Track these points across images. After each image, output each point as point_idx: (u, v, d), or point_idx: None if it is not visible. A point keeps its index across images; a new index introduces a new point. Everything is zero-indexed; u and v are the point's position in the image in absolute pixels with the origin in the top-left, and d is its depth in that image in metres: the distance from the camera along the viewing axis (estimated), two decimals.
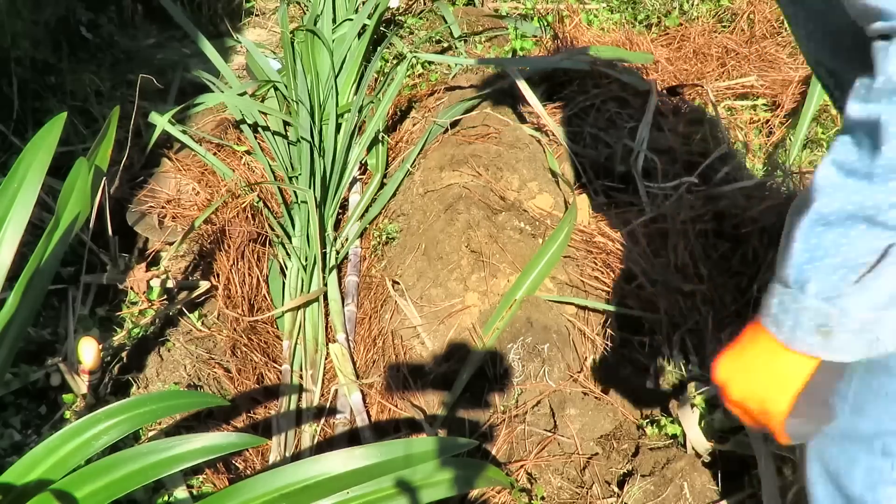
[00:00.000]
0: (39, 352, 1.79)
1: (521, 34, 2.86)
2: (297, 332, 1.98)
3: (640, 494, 1.64)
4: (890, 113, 0.72)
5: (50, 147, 1.38)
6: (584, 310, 1.91)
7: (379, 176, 2.30)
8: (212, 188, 2.20)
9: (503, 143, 2.22)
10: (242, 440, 1.29)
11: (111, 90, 2.54)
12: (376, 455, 1.30)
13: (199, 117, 2.44)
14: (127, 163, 2.13)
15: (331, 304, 2.04)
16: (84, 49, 2.68)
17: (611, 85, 2.45)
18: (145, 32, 2.94)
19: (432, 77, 2.70)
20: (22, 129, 2.28)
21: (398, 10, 3.10)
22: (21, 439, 1.64)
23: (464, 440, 1.43)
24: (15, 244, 1.33)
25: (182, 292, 1.96)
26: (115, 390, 1.75)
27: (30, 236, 1.42)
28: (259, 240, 2.11)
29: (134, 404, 1.26)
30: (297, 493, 1.24)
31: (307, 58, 2.37)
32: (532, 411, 1.76)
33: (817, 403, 0.89)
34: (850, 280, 0.78)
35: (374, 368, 1.89)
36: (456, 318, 1.87)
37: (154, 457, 1.20)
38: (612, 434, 1.75)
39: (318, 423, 1.80)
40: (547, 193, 2.12)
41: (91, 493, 1.16)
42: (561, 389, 1.79)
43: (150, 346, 1.85)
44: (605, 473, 1.69)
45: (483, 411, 1.77)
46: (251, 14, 3.16)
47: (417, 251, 2.01)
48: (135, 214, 2.11)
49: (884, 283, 0.78)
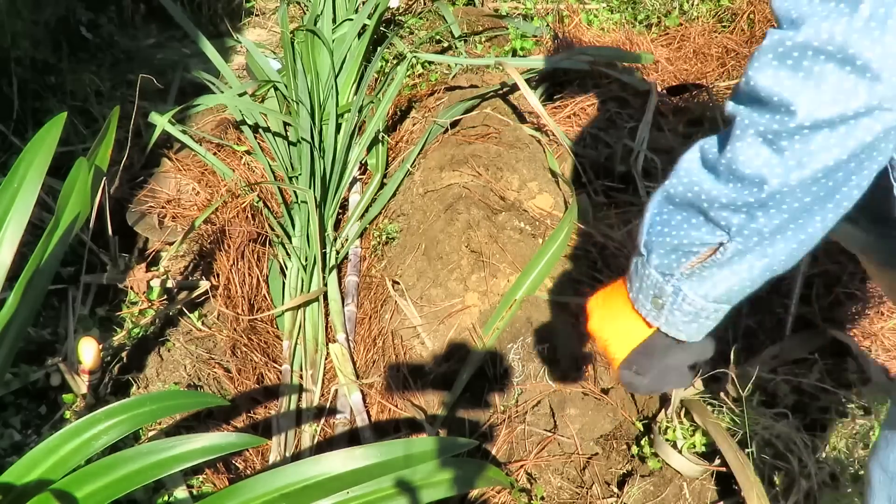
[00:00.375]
0: (39, 352, 1.79)
1: (521, 34, 2.86)
2: (297, 332, 1.98)
3: (639, 495, 1.64)
4: (742, 114, 0.73)
5: (50, 147, 1.38)
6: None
7: (379, 176, 2.30)
8: (212, 188, 2.20)
9: (503, 143, 2.22)
10: (242, 440, 1.29)
11: (111, 90, 2.54)
12: (376, 455, 1.30)
13: (199, 117, 2.44)
14: (127, 163, 2.13)
15: (331, 304, 2.04)
16: (84, 49, 2.68)
17: (611, 85, 2.45)
18: (145, 32, 2.94)
19: (432, 77, 2.71)
20: (22, 129, 2.28)
21: (398, 10, 3.10)
22: (21, 439, 1.64)
23: (464, 440, 1.43)
24: (15, 244, 1.33)
25: (182, 292, 1.96)
26: (115, 390, 1.75)
27: (30, 236, 1.43)
28: (259, 240, 2.11)
29: (134, 404, 1.26)
30: (296, 493, 1.24)
31: (307, 58, 2.37)
32: (532, 411, 1.76)
33: (660, 367, 0.92)
34: (683, 264, 0.81)
35: (374, 368, 1.89)
36: (456, 318, 1.87)
37: (154, 457, 1.21)
38: (612, 434, 1.75)
39: (318, 423, 1.80)
40: (547, 193, 2.12)
41: (91, 493, 1.16)
42: (561, 389, 1.79)
43: (150, 346, 1.85)
44: (604, 473, 1.69)
45: (483, 411, 1.77)
46: (251, 14, 3.16)
47: (417, 251, 2.01)
48: (135, 214, 2.11)
49: (718, 279, 0.80)
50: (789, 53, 0.69)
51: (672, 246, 0.82)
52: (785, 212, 0.75)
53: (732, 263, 0.79)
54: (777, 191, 0.73)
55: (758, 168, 0.73)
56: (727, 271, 0.80)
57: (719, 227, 0.77)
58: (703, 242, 0.79)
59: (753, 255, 0.78)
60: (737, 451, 1.53)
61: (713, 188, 0.76)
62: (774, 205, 0.74)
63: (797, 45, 0.69)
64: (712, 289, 0.82)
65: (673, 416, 1.67)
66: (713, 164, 0.77)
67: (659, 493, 1.64)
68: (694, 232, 0.80)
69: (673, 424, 1.66)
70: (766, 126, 0.71)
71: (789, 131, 0.70)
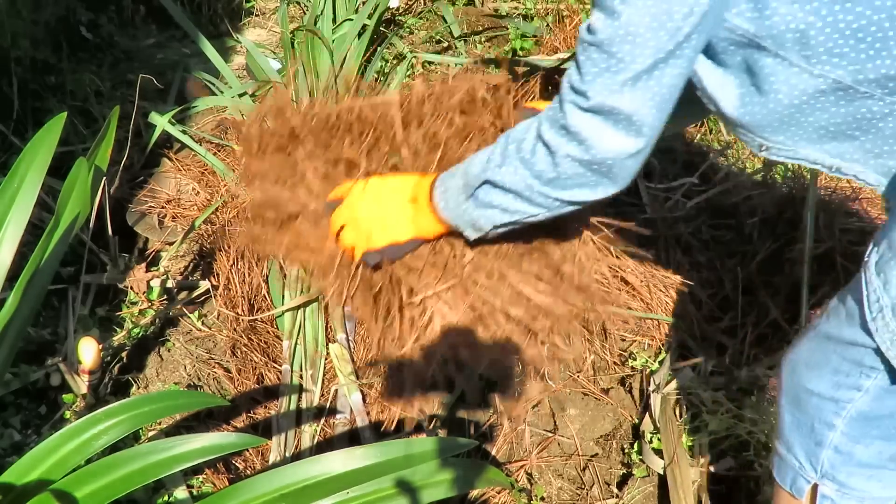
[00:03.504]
0: (39, 352, 1.79)
1: (521, 34, 2.86)
2: (297, 332, 1.98)
3: (639, 496, 1.64)
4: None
5: (50, 147, 1.38)
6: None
7: None
8: (212, 188, 2.20)
9: None
10: (242, 440, 1.29)
11: (111, 90, 2.53)
12: (376, 455, 1.30)
13: (200, 117, 2.44)
14: (127, 163, 2.13)
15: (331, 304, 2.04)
16: (84, 49, 2.68)
17: None
18: (145, 32, 2.93)
19: (432, 77, 2.70)
20: (22, 129, 2.28)
21: (398, 10, 3.10)
22: (21, 439, 1.64)
23: (464, 440, 1.43)
24: (15, 244, 1.32)
25: (182, 292, 1.96)
26: (115, 390, 1.75)
27: (30, 236, 1.42)
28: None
29: (134, 404, 1.26)
30: (296, 493, 1.24)
31: (307, 58, 2.36)
32: (532, 411, 1.76)
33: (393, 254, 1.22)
34: (505, 218, 1.07)
35: (374, 368, 1.89)
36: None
37: (154, 457, 1.20)
38: (612, 434, 1.76)
39: (318, 423, 1.80)
40: None
41: (91, 493, 1.15)
42: (561, 389, 1.79)
43: (150, 346, 1.85)
44: (605, 474, 1.70)
45: (483, 411, 1.77)
46: (251, 14, 3.16)
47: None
48: (135, 214, 2.11)
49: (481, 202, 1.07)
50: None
51: (497, 206, 1.05)
52: None
53: (545, 219, 1.06)
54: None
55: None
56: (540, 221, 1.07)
57: (541, 207, 1.02)
58: (525, 213, 1.04)
59: (559, 212, 1.05)
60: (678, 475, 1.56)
61: (535, 175, 0.99)
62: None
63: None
64: (523, 224, 1.09)
65: (657, 422, 1.67)
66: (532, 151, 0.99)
67: (659, 494, 1.64)
68: (517, 205, 1.03)
69: (656, 432, 1.67)
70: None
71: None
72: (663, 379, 1.74)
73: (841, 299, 1.00)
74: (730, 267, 1.93)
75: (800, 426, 1.06)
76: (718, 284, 1.93)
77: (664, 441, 1.63)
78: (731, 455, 1.62)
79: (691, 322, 1.87)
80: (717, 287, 1.93)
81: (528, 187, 1.00)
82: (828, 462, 1.04)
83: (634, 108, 0.87)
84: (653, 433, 1.67)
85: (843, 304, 0.98)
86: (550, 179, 0.97)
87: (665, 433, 1.64)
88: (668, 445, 1.61)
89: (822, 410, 1.02)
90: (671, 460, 1.59)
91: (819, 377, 1.02)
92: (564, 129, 0.93)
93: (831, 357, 1.00)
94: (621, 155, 0.91)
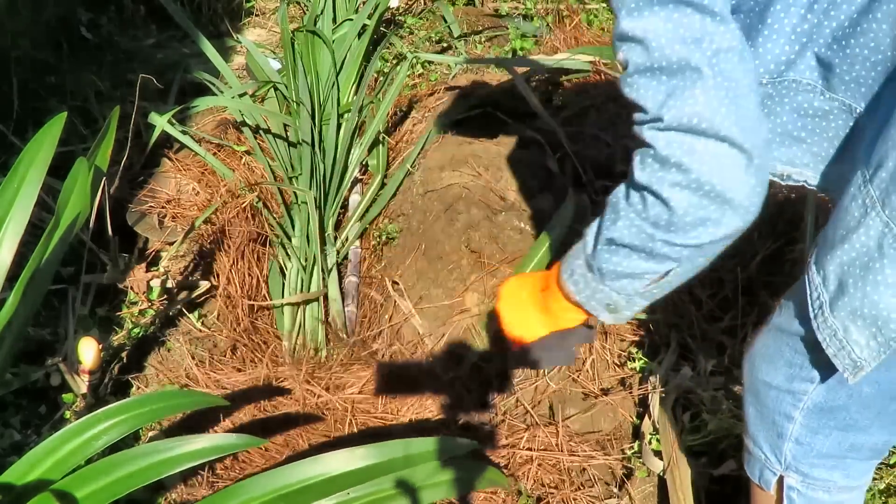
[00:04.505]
0: (39, 352, 1.79)
1: (521, 34, 2.86)
2: (297, 333, 1.98)
3: (639, 496, 1.64)
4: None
5: (50, 147, 1.38)
6: None
7: (380, 176, 2.30)
8: (212, 188, 2.20)
9: (503, 143, 2.22)
10: (242, 440, 1.29)
11: (111, 90, 2.54)
12: (376, 455, 1.30)
13: (200, 117, 2.44)
14: (127, 163, 2.13)
15: (331, 305, 2.04)
16: (84, 49, 2.68)
17: (611, 85, 2.45)
18: (145, 32, 2.93)
19: (432, 77, 2.71)
20: (22, 129, 2.28)
21: (398, 10, 3.10)
22: (21, 439, 1.64)
23: (463, 441, 1.43)
24: (15, 244, 1.33)
25: (182, 292, 1.95)
26: (115, 390, 1.75)
27: (30, 236, 1.42)
28: (259, 240, 2.11)
29: (134, 404, 1.26)
30: (296, 493, 1.24)
31: (307, 58, 2.36)
32: (532, 411, 1.76)
33: (556, 347, 1.12)
34: (635, 288, 0.94)
35: (374, 369, 1.89)
36: (456, 318, 1.87)
37: (154, 457, 1.20)
38: (612, 434, 1.76)
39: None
40: (547, 193, 2.12)
41: (91, 494, 1.16)
42: (561, 389, 1.79)
43: (150, 346, 1.85)
44: (605, 474, 1.69)
45: (483, 411, 1.77)
46: (251, 14, 3.16)
47: (417, 251, 2.01)
48: (135, 214, 2.11)
49: (665, 292, 0.95)
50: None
51: (624, 273, 0.93)
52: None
53: (678, 279, 0.92)
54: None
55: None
56: (674, 285, 0.94)
57: (668, 259, 0.88)
58: (654, 272, 0.91)
59: (691, 265, 0.91)
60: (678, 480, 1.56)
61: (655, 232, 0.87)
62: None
63: None
64: (659, 296, 0.96)
65: (657, 423, 1.67)
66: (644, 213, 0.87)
67: (659, 493, 1.64)
68: (644, 264, 0.90)
69: (656, 434, 1.67)
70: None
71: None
72: (663, 379, 1.74)
73: (791, 294, 1.02)
74: (730, 267, 1.93)
75: (763, 419, 1.09)
76: (718, 284, 1.93)
77: (663, 442, 1.63)
78: (730, 455, 1.62)
79: (691, 322, 1.87)
80: (717, 287, 1.93)
81: (648, 238, 0.87)
82: (790, 454, 1.06)
83: (710, 110, 0.80)
84: (652, 434, 1.67)
85: (793, 299, 1.00)
86: (669, 223, 0.85)
87: (664, 434, 1.64)
88: (667, 446, 1.61)
89: (780, 403, 1.04)
90: (670, 461, 1.59)
91: (775, 370, 1.05)
92: (656, 160, 0.83)
93: (784, 350, 1.03)
94: (725, 168, 0.81)
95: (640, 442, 1.69)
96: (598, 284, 0.96)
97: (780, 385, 1.04)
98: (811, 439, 1.03)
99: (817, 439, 1.03)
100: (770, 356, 1.06)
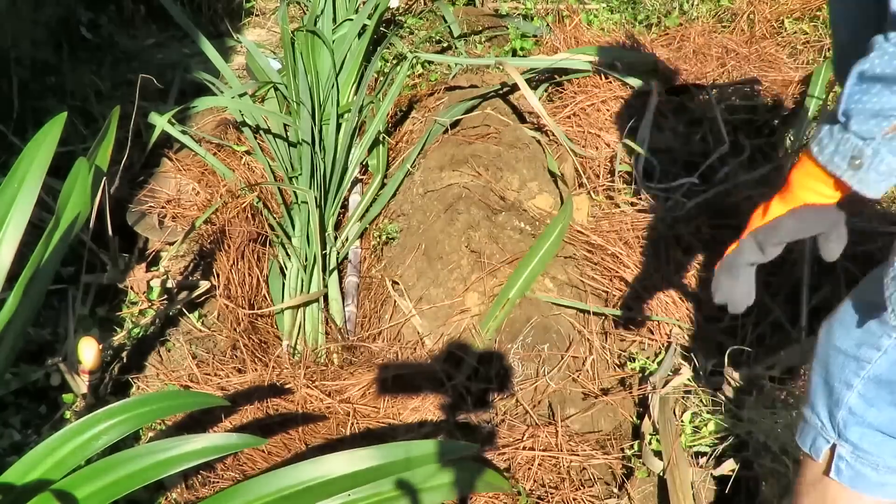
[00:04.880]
0: (39, 352, 1.79)
1: (521, 34, 2.86)
2: (297, 332, 1.98)
3: (639, 496, 1.64)
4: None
5: (50, 147, 1.37)
6: (584, 311, 1.91)
7: (380, 176, 2.30)
8: (212, 188, 2.20)
9: (503, 143, 2.22)
10: (242, 440, 1.29)
11: (111, 90, 2.54)
12: (377, 457, 1.30)
13: (200, 117, 2.44)
14: (127, 163, 2.13)
15: (331, 304, 2.04)
16: (84, 49, 2.68)
17: (611, 85, 2.45)
18: (145, 32, 2.93)
19: (432, 77, 2.70)
20: (22, 129, 2.28)
21: (398, 10, 3.10)
22: (21, 439, 1.64)
23: (463, 443, 1.43)
24: (15, 244, 1.32)
25: (182, 292, 1.95)
26: (115, 390, 1.75)
27: (30, 236, 1.42)
28: (259, 240, 2.11)
29: (134, 404, 1.26)
30: (297, 494, 1.24)
31: (307, 58, 2.36)
32: (532, 411, 1.76)
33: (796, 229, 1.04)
34: (882, 128, 0.87)
35: (374, 369, 1.89)
36: (456, 318, 1.87)
37: (154, 457, 1.20)
38: (612, 434, 1.76)
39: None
40: (547, 193, 2.12)
41: (91, 494, 1.15)
42: (561, 389, 1.79)
43: (150, 346, 1.85)
44: (605, 474, 1.69)
45: (483, 412, 1.77)
46: (251, 14, 3.16)
47: (417, 251, 2.01)
48: (135, 214, 2.11)
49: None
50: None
51: (872, 112, 0.88)
52: None
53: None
54: None
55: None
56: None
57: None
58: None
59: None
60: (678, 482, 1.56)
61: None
62: None
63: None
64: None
65: (657, 423, 1.67)
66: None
67: (659, 493, 1.64)
68: (893, 98, 0.85)
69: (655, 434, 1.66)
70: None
71: None
72: (663, 379, 1.74)
73: (882, 266, 1.03)
74: None
75: (825, 385, 1.10)
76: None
77: (663, 442, 1.63)
78: (730, 455, 1.62)
79: (691, 322, 1.87)
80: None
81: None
82: (842, 422, 1.07)
83: None
84: (652, 434, 1.67)
85: (882, 270, 1.02)
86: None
87: (664, 434, 1.64)
88: (667, 446, 1.61)
89: (844, 369, 1.06)
90: (670, 461, 1.59)
91: (847, 334, 1.06)
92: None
93: (860, 317, 1.05)
94: None
95: (640, 442, 1.69)
96: (842, 134, 0.92)
97: (849, 350, 1.05)
98: (865, 411, 1.05)
99: (870, 412, 1.04)
100: (846, 322, 1.07)
